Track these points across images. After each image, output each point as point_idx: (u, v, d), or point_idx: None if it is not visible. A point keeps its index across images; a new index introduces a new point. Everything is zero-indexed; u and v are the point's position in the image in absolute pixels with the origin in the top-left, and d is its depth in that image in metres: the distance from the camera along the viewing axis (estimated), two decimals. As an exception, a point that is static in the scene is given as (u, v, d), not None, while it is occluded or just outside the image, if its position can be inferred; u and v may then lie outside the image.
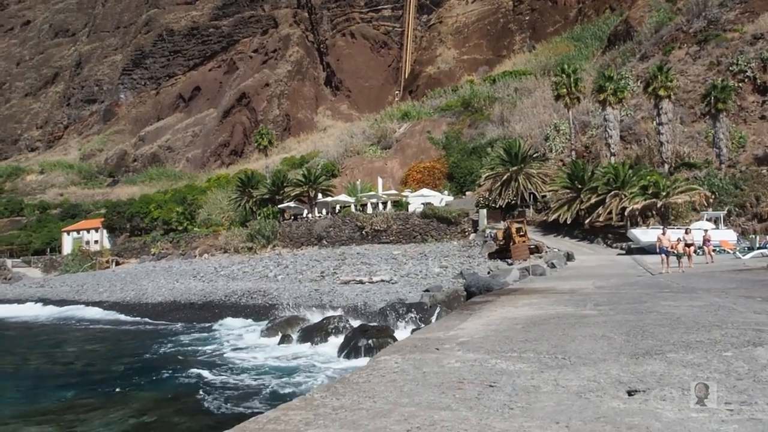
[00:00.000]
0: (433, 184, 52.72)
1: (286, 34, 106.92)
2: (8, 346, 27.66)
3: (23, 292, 50.31)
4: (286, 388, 15.84)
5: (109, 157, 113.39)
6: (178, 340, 25.21)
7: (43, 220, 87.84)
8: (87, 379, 18.78)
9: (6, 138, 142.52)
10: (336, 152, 64.76)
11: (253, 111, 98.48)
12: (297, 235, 48.14)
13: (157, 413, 13.88)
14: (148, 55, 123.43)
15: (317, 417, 4.74)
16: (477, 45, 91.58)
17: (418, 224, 43.10)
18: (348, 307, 25.72)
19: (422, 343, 8.09)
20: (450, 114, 63.69)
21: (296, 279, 35.55)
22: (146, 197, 72.78)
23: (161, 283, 41.33)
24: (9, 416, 14.42)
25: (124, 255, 58.68)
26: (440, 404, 5.01)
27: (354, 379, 6.23)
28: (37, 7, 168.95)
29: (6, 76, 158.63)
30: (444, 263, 32.94)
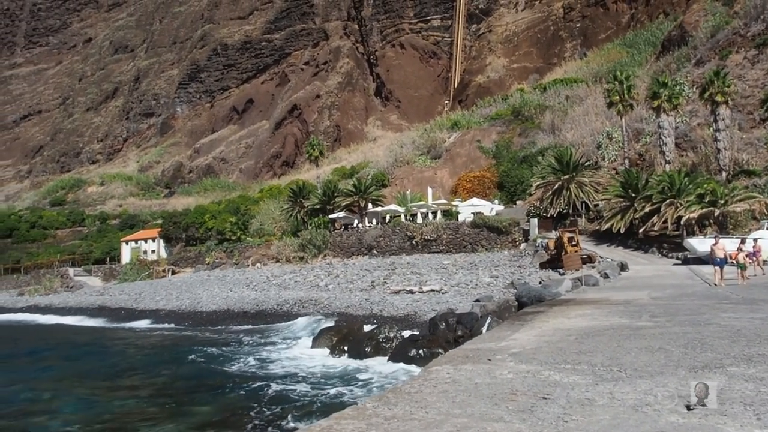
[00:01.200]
0: (483, 193, 52.30)
1: (336, 46, 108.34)
2: (69, 352, 28.74)
3: (84, 299, 52.13)
4: (336, 397, 15.96)
5: (165, 168, 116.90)
6: (230, 348, 25.73)
7: (103, 230, 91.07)
8: (145, 387, 19.32)
9: (69, 151, 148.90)
10: (386, 162, 65.01)
11: (304, 122, 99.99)
12: (347, 245, 48.47)
13: (209, 422, 14.17)
14: (203, 69, 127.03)
15: (369, 427, 4.80)
16: (527, 53, 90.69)
17: (468, 234, 42.79)
18: (398, 317, 25.73)
19: (474, 354, 8.06)
20: (500, 123, 63.16)
21: (347, 288, 35.73)
22: (201, 208, 74.55)
23: (215, 292, 42.14)
24: (73, 423, 14.92)
25: (180, 264, 60.13)
26: (493, 416, 5.00)
27: (406, 389, 6.26)
28: (98, 25, 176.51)
29: (69, 91, 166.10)
30: (494, 273, 32.60)
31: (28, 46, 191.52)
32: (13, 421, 15.76)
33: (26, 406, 17.40)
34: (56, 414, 16.18)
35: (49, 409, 16.80)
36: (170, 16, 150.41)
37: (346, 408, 5.86)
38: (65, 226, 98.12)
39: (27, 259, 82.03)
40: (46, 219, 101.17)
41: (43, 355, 28.23)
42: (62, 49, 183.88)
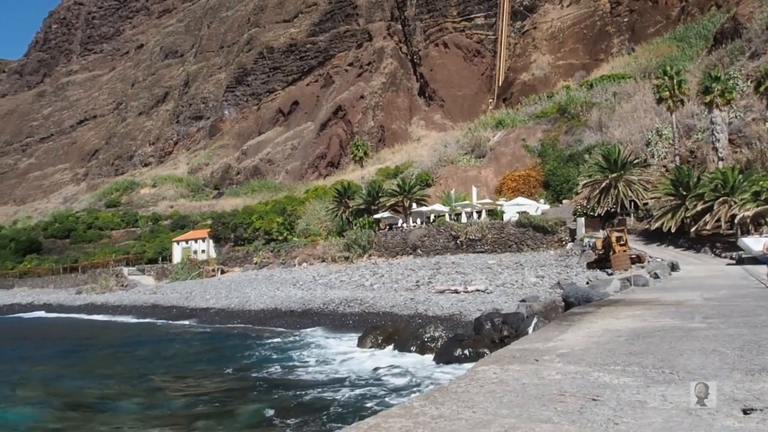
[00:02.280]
0: (528, 192, 51.68)
1: (380, 46, 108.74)
2: (125, 350, 29.70)
3: (137, 298, 53.74)
4: (381, 396, 16.07)
5: (214, 170, 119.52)
6: (279, 346, 26.17)
7: (155, 230, 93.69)
8: (197, 386, 19.83)
9: (122, 154, 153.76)
10: (430, 162, 64.91)
11: (348, 123, 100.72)
12: (392, 245, 48.61)
13: (258, 420, 14.44)
14: (249, 73, 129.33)
15: (417, 425, 4.80)
16: (573, 50, 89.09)
17: (513, 233, 42.37)
18: (443, 317, 25.70)
19: (521, 354, 8.03)
20: (545, 121, 62.25)
21: (392, 288, 35.83)
22: (248, 208, 75.90)
23: (263, 291, 42.84)
24: (128, 422, 15.41)
25: (229, 264, 61.34)
26: (541, 417, 4.97)
27: (452, 388, 6.28)
28: (149, 32, 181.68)
29: (122, 96, 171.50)
30: (540, 273, 32.19)
31: (83, 54, 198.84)
32: (85, 412, 16.43)
33: (92, 399, 18.09)
34: (116, 409, 16.79)
35: (108, 404, 17.44)
36: (218, 21, 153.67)
37: (393, 407, 5.89)
38: (120, 226, 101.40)
39: (84, 258, 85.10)
40: (102, 220, 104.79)
41: (101, 352, 29.29)
42: (115, 56, 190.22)
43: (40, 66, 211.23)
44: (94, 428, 14.69)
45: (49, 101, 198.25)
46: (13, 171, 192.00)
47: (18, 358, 29.11)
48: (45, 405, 17.61)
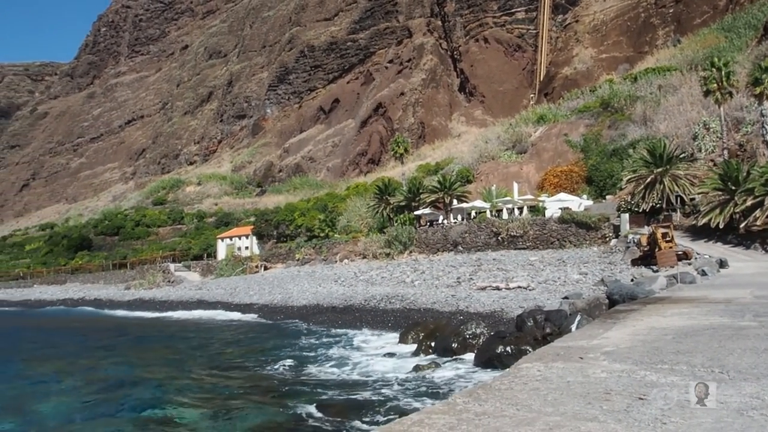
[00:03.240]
0: (570, 188, 50.86)
1: (420, 43, 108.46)
2: (168, 345, 30.46)
3: (184, 294, 54.94)
4: (424, 392, 16.12)
5: (257, 168, 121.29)
6: (320, 342, 26.49)
7: (200, 227, 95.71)
8: (239, 380, 20.24)
9: (169, 153, 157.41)
10: (470, 158, 64.48)
11: (389, 120, 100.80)
12: (433, 241, 48.52)
13: (297, 414, 14.64)
14: (291, 71, 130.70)
15: (460, 422, 4.85)
16: (616, 42, 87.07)
17: (555, 230, 41.77)
18: (484, 313, 25.55)
19: (565, 352, 7.97)
20: (588, 115, 61.07)
21: (433, 284, 35.78)
22: (291, 205, 76.82)
23: (305, 287, 43.30)
24: (169, 413, 15.84)
25: (272, 260, 62.19)
26: (587, 415, 4.94)
27: (496, 385, 6.29)
28: (193, 33, 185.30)
29: (168, 96, 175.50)
30: (583, 270, 31.68)
31: (131, 56, 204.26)
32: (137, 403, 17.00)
33: (139, 393, 18.66)
34: (158, 400, 17.29)
35: (151, 394, 17.97)
36: (260, 20, 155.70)
37: (437, 403, 5.92)
38: (166, 224, 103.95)
39: (132, 255, 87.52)
40: (149, 217, 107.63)
41: (147, 345, 30.14)
42: (161, 57, 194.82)
43: (90, 68, 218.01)
44: (134, 416, 15.16)
45: (98, 102, 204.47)
46: (65, 170, 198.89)
47: (68, 352, 30.18)
48: (92, 392, 18.25)
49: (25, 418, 15.85)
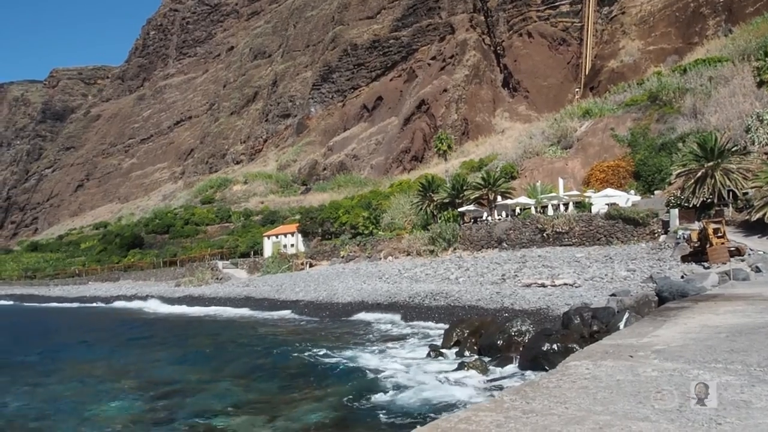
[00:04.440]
0: (617, 183, 49.78)
1: (462, 39, 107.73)
2: (216, 341, 31.15)
3: (231, 290, 56.07)
4: (470, 388, 16.11)
5: (302, 166, 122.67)
6: (366, 338, 26.71)
7: (247, 225, 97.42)
8: (285, 373, 20.61)
9: (216, 153, 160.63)
10: (515, 154, 63.80)
11: (432, 117, 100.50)
12: (477, 238, 48.26)
13: (347, 410, 14.81)
14: (334, 70, 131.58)
15: (508, 420, 4.84)
16: (664, 34, 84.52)
17: (602, 226, 40.97)
18: (530, 311, 25.34)
19: (614, 350, 7.89)
20: (635, 109, 59.59)
21: (477, 281, 35.64)
22: (335, 203, 77.46)
23: (350, 284, 43.67)
24: (225, 406, 16.23)
25: (317, 257, 62.85)
26: (638, 414, 4.89)
27: (543, 383, 6.27)
28: (239, 34, 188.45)
29: (215, 97, 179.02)
30: (631, 266, 31.03)
31: (179, 58, 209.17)
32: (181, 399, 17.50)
33: (187, 387, 19.22)
34: (208, 394, 17.75)
35: (200, 389, 18.46)
36: (303, 20, 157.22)
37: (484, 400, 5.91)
38: (214, 222, 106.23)
39: (182, 253, 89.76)
40: (198, 216, 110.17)
41: (196, 341, 30.92)
42: (208, 59, 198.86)
43: (140, 71, 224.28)
44: (187, 413, 15.57)
45: (148, 104, 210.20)
46: (117, 171, 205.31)
47: (120, 348, 31.21)
48: (142, 390, 18.86)
49: (86, 419, 16.46)
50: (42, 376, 23.22)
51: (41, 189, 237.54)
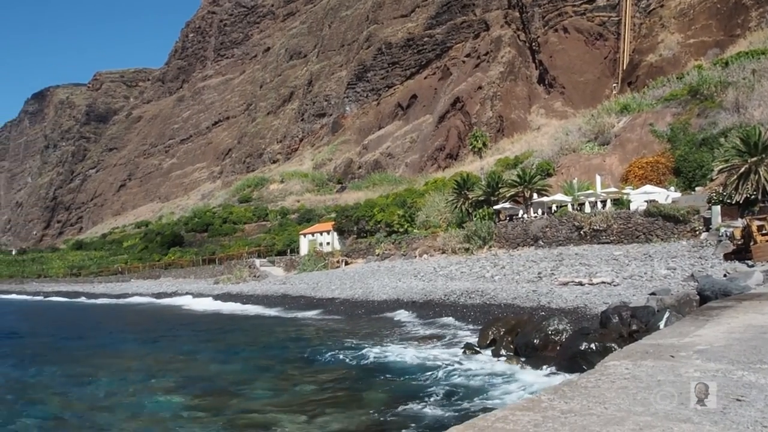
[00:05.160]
0: (657, 180, 48.74)
1: (497, 35, 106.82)
2: (254, 338, 31.60)
3: (269, 288, 56.76)
4: (505, 386, 16.05)
5: (337, 165, 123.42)
6: (402, 336, 26.79)
7: (283, 224, 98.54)
8: (324, 370, 20.82)
9: (253, 152, 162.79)
10: (551, 151, 63.03)
11: (467, 114, 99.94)
12: (512, 236, 47.89)
13: (385, 407, 14.90)
14: (369, 69, 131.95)
15: (546, 419, 4.82)
16: (705, 26, 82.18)
17: (641, 223, 40.20)
18: (567, 309, 25.05)
19: (654, 350, 7.79)
20: (675, 104, 58.21)
21: (513, 280, 35.38)
22: (370, 201, 77.75)
23: (385, 282, 43.77)
24: (259, 407, 16.47)
25: (352, 255, 63.20)
26: (680, 416, 4.82)
27: (582, 383, 6.23)
28: (275, 35, 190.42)
29: (252, 98, 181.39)
30: (671, 265, 30.36)
31: (217, 59, 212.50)
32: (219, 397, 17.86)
33: (228, 386, 19.59)
34: (249, 393, 18.07)
35: (241, 388, 18.79)
36: (338, 20, 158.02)
37: (521, 400, 5.91)
38: (251, 220, 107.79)
39: (221, 251, 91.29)
40: (236, 215, 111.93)
41: (233, 339, 31.46)
42: (245, 60, 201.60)
43: (179, 73, 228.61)
44: (228, 411, 15.86)
45: (187, 105, 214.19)
46: (158, 170, 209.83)
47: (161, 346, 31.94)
48: (184, 388, 19.29)
49: (133, 410, 16.93)
50: (92, 368, 24.21)
51: (85, 189, 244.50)
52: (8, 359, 27.78)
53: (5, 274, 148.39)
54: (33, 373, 23.61)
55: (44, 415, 16.62)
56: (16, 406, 17.60)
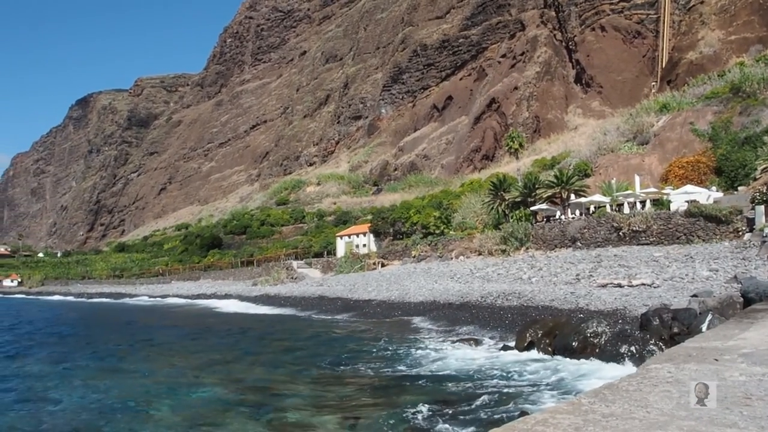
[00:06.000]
0: (697, 179, 47.68)
1: (533, 35, 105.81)
2: (293, 340, 32.03)
3: (306, 289, 57.30)
4: (545, 390, 16.03)
5: (373, 167, 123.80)
6: (440, 337, 26.88)
7: (320, 226, 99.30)
8: (363, 371, 21.03)
9: (290, 155, 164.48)
10: (588, 151, 62.21)
11: (502, 115, 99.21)
12: (550, 237, 47.46)
13: (421, 412, 15.01)
14: (404, 71, 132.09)
15: (587, 423, 4.77)
16: (747, 22, 79.82)
17: (681, 224, 39.40)
18: (606, 311, 24.79)
19: (697, 353, 7.77)
20: (716, 102, 56.82)
21: (550, 281, 35.10)
22: (406, 203, 77.86)
23: (422, 284, 43.83)
24: (296, 409, 16.75)
25: (388, 257, 63.40)
26: (725, 421, 4.76)
27: (623, 386, 6.20)
28: (311, 39, 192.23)
29: (289, 101, 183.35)
30: (714, 266, 29.71)
31: (254, 64, 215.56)
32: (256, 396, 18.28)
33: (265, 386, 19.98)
34: (285, 396, 18.41)
35: (278, 391, 19.15)
36: (373, 23, 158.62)
37: (561, 403, 5.87)
38: (289, 223, 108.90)
39: (258, 253, 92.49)
40: (273, 217, 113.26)
41: (270, 341, 31.97)
42: (282, 64, 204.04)
43: (218, 77, 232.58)
44: (263, 413, 16.21)
45: (225, 109, 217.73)
46: (197, 174, 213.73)
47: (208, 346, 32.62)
48: (222, 388, 19.76)
49: (176, 404, 17.44)
50: (137, 362, 25.23)
51: (127, 192, 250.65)
52: (64, 354, 28.76)
53: (51, 276, 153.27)
54: (84, 365, 24.48)
55: (99, 403, 17.24)
56: (73, 394, 18.30)
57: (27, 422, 16.16)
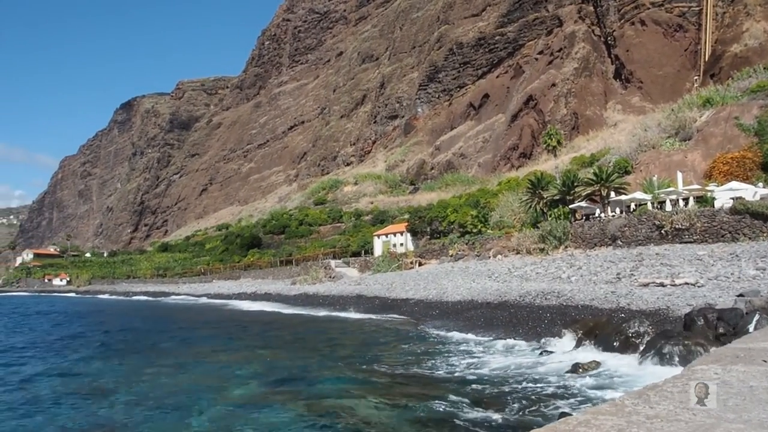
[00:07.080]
0: (743, 176, 46.38)
1: (571, 31, 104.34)
2: (330, 339, 32.44)
3: (344, 288, 57.70)
4: (585, 391, 16.05)
5: (410, 166, 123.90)
6: (477, 338, 26.96)
7: (357, 225, 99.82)
8: (403, 372, 21.29)
9: (327, 155, 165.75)
10: (628, 148, 61.10)
11: (540, 112, 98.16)
12: (589, 236, 46.89)
13: (458, 411, 15.18)
14: (440, 70, 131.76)
15: (630, 425, 4.68)
16: (796, 11, 77.29)
17: (726, 221, 38.49)
18: (648, 311, 24.49)
19: (745, 354, 7.68)
20: (763, 95, 55.15)
21: (590, 280, 34.72)
22: (443, 202, 77.77)
23: (459, 283, 43.75)
24: (330, 403, 17.10)
25: (425, 256, 63.44)
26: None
27: (668, 387, 6.09)
28: (347, 39, 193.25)
29: (326, 102, 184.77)
30: (761, 265, 28.97)
31: (292, 65, 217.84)
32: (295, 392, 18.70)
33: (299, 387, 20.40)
34: (319, 390, 18.81)
35: (311, 383, 19.56)
36: (409, 22, 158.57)
37: (603, 403, 5.84)
38: (326, 222, 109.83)
39: (297, 252, 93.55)
40: (311, 217, 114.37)
41: (306, 339, 32.46)
42: (318, 65, 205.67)
43: (256, 80, 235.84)
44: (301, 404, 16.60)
45: (264, 111, 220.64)
46: (237, 175, 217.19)
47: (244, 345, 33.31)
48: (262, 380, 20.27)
49: (217, 399, 18.03)
50: (181, 357, 26.28)
51: (170, 193, 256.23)
52: (113, 351, 29.82)
53: (98, 275, 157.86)
54: (135, 360, 25.40)
55: (139, 396, 17.95)
56: (117, 391, 19.04)
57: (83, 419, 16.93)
